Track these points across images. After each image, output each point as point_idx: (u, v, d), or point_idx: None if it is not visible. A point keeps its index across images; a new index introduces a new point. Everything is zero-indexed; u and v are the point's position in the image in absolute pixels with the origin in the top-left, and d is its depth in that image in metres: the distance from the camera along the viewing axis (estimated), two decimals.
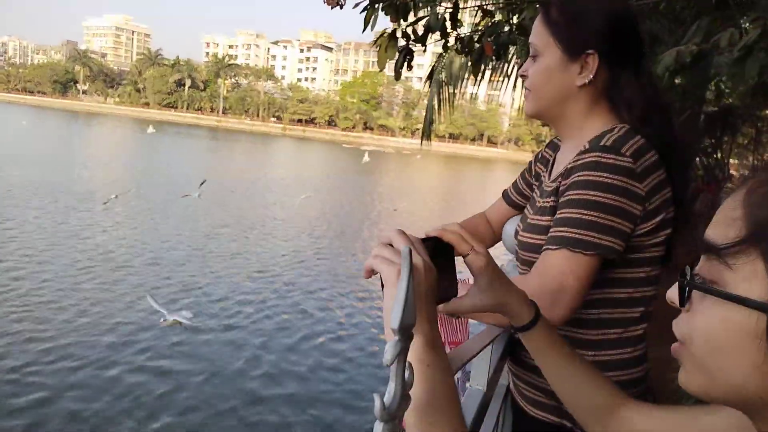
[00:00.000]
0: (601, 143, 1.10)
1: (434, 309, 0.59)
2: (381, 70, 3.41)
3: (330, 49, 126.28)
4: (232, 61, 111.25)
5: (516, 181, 1.56)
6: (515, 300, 0.79)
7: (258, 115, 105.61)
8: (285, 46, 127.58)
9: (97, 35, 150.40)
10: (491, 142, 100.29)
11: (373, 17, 3.11)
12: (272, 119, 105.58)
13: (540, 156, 1.48)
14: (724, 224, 0.50)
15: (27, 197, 17.36)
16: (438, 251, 0.69)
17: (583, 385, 0.82)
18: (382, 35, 3.13)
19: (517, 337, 0.88)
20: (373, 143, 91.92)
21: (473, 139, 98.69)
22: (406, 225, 18.54)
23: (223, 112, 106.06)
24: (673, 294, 0.56)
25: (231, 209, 19.91)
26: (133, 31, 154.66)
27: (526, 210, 1.41)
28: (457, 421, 0.51)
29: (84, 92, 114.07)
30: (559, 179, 1.20)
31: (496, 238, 1.60)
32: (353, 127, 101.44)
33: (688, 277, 0.53)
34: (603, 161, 1.07)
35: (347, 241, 17.18)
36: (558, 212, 1.12)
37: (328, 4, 3.14)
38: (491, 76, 5.92)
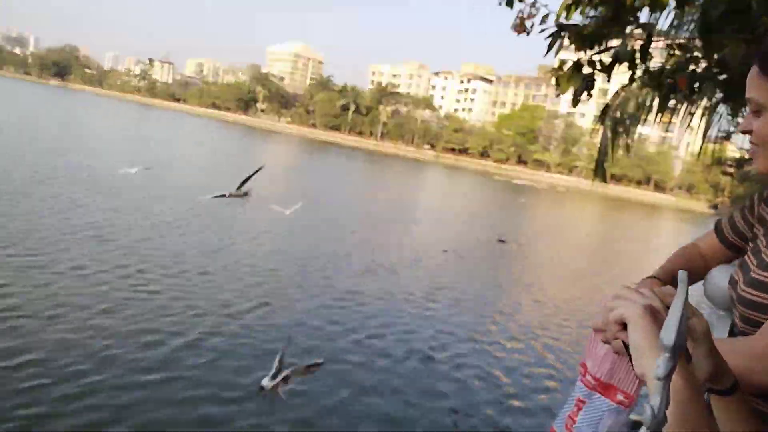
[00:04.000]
0: None
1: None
2: (558, 96, 3.49)
3: (489, 81, 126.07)
4: (394, 90, 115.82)
5: (733, 217, 1.39)
6: (723, 363, 0.78)
7: (413, 142, 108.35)
8: (446, 77, 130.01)
9: (278, 60, 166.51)
10: (659, 186, 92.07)
11: (557, 44, 3.15)
12: (426, 146, 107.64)
13: (767, 197, 1.32)
14: None
15: None
16: None
17: None
18: (561, 65, 3.14)
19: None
20: (526, 177, 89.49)
21: (639, 182, 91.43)
22: (570, 277, 17.43)
23: (380, 137, 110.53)
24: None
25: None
26: (308, 58, 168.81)
27: (747, 260, 1.26)
28: None
29: (262, 111, 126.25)
30: None
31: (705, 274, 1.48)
32: (506, 160, 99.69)
33: None
34: None
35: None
36: None
37: (516, 32, 3.25)
38: (672, 116, 5.45)
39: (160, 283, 10.00)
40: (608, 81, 3.59)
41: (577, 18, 3.21)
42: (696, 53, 3.49)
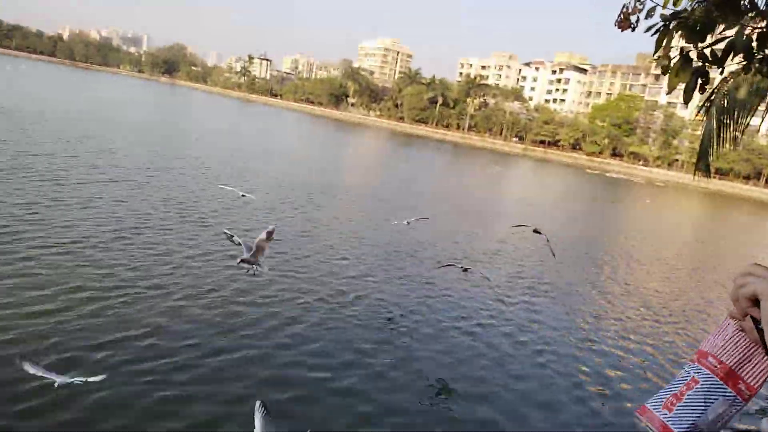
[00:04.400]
0: None
1: None
2: (669, 93, 3.35)
3: (584, 70, 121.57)
4: (482, 81, 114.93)
5: None
6: None
7: (501, 134, 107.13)
8: (537, 68, 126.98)
9: (368, 55, 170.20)
10: None
11: (666, 39, 2.91)
12: (514, 139, 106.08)
13: None
14: None
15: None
16: None
17: None
18: (666, 53, 2.89)
19: None
20: (620, 171, 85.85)
21: (747, 177, 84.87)
22: (674, 275, 17.29)
23: (467, 129, 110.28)
24: None
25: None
26: (398, 52, 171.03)
27: None
28: None
29: (352, 105, 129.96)
30: None
31: None
32: (600, 153, 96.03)
33: None
34: None
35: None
36: None
37: (620, 28, 3.07)
38: None
39: (272, 274, 10.66)
40: (720, 73, 3.39)
41: (684, 4, 3.03)
42: None
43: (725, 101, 5.58)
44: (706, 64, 3.00)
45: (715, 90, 5.47)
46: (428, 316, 9.91)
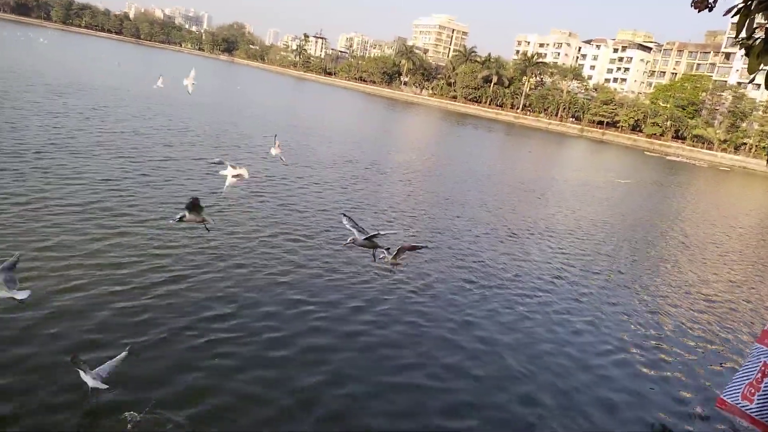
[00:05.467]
0: None
1: None
2: (751, 78, 3.09)
3: (648, 49, 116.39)
4: (540, 60, 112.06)
5: None
6: None
7: (557, 114, 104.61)
8: (598, 46, 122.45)
9: (423, 33, 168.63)
10: None
11: (747, 21, 2.81)
12: (570, 119, 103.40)
13: None
14: None
15: None
16: None
17: None
18: (747, 38, 2.76)
19: None
20: (682, 154, 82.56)
21: None
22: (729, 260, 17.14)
23: (521, 109, 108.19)
24: None
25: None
26: (453, 30, 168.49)
27: None
28: None
29: (405, 83, 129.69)
30: None
31: None
32: (661, 135, 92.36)
33: None
34: None
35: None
36: None
37: (696, 8, 3.00)
38: None
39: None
40: None
41: None
42: None
43: None
44: None
45: None
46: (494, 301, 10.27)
